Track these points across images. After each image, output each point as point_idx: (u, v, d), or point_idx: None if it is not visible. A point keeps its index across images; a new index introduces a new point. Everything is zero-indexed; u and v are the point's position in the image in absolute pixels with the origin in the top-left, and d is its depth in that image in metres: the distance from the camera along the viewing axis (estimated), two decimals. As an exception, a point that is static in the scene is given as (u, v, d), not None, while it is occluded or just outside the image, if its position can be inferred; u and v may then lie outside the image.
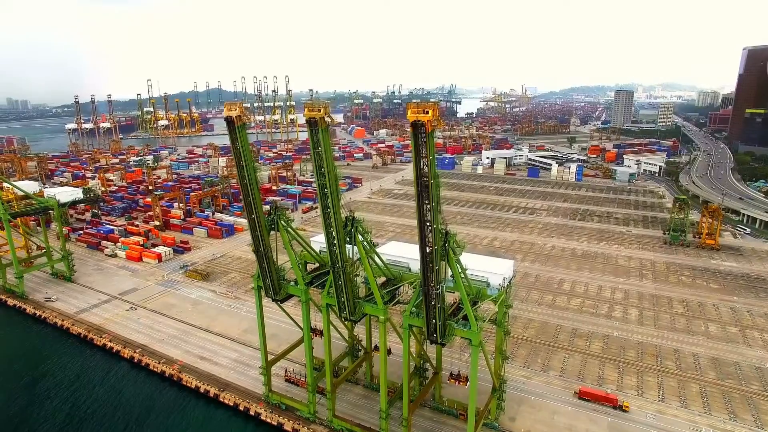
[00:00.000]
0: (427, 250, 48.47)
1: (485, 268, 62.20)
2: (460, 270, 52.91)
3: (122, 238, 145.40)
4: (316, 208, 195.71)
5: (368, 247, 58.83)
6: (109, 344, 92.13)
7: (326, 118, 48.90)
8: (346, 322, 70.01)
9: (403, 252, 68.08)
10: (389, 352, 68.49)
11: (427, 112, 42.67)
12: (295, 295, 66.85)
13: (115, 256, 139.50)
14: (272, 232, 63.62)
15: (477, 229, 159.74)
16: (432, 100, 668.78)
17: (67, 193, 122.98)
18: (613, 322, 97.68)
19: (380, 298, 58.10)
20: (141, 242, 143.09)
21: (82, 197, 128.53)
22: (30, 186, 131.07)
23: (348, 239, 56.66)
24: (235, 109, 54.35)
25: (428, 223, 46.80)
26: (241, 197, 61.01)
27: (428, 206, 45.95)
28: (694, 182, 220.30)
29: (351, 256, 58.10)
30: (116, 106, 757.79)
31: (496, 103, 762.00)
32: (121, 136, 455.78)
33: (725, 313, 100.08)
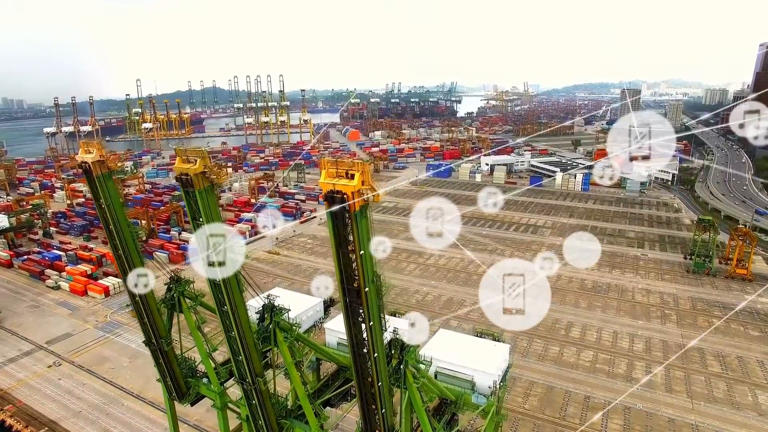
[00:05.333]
0: (369, 382, 30.59)
1: (468, 363, 44.30)
2: (427, 397, 35.09)
3: (68, 267, 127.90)
4: (314, 217, 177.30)
5: (297, 346, 40.97)
6: (9, 421, 74.53)
7: (208, 174, 30.79)
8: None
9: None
10: (342, 465, 50.69)
11: (352, 177, 24.45)
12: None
13: (58, 288, 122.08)
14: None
15: (472, 253, 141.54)
16: (431, 99, 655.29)
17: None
18: (635, 387, 79.62)
19: (315, 419, 40.23)
20: (89, 271, 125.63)
21: (7, 226, 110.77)
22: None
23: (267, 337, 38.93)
24: (92, 152, 36.43)
25: (365, 349, 28.87)
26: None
27: (364, 325, 27.97)
28: (712, 193, 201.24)
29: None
30: (112, 105, 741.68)
31: (497, 101, 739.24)
32: (108, 138, 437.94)
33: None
